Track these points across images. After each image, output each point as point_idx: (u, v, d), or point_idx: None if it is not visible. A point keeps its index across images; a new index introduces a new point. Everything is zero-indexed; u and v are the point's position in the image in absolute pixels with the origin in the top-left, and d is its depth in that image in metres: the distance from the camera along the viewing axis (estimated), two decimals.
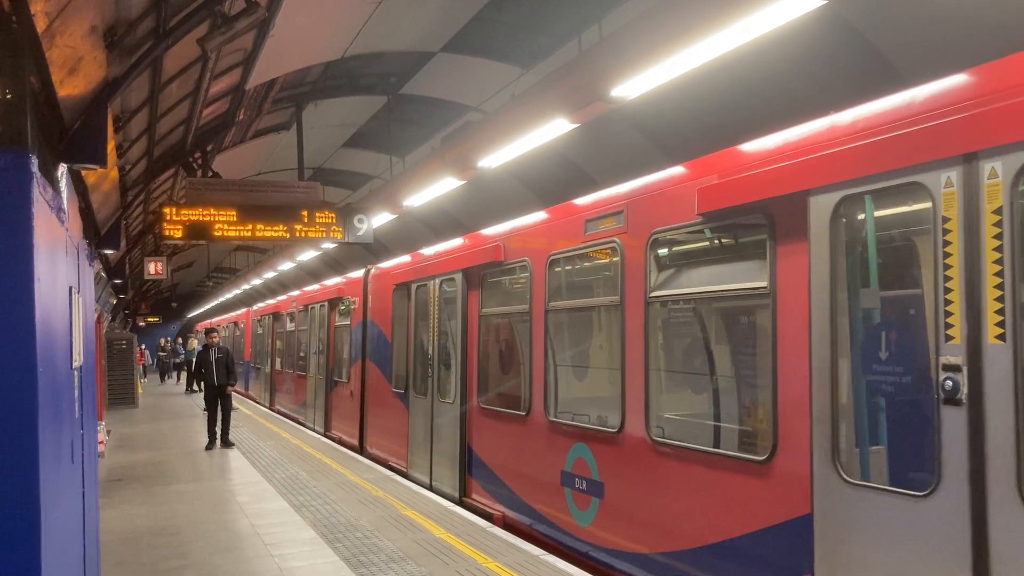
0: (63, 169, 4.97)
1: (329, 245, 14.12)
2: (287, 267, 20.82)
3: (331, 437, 16.10)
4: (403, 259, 12.46)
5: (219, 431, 14.86)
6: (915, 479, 4.17)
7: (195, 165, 11.19)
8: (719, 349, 6.65)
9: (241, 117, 11.83)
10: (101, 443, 13.09)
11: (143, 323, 44.79)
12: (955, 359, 3.82)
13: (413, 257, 11.92)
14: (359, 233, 11.07)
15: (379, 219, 11.75)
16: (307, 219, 10.64)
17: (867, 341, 4.47)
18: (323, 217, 10.74)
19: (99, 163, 5.12)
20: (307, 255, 17.73)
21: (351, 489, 10.30)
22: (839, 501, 4.38)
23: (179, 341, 39.79)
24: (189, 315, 56.06)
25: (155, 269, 17.37)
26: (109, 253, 10.84)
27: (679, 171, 6.06)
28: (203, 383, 15.31)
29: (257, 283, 27.14)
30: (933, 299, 3.95)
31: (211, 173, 11.17)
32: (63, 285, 3.83)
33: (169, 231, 10.11)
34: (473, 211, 12.36)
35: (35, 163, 2.95)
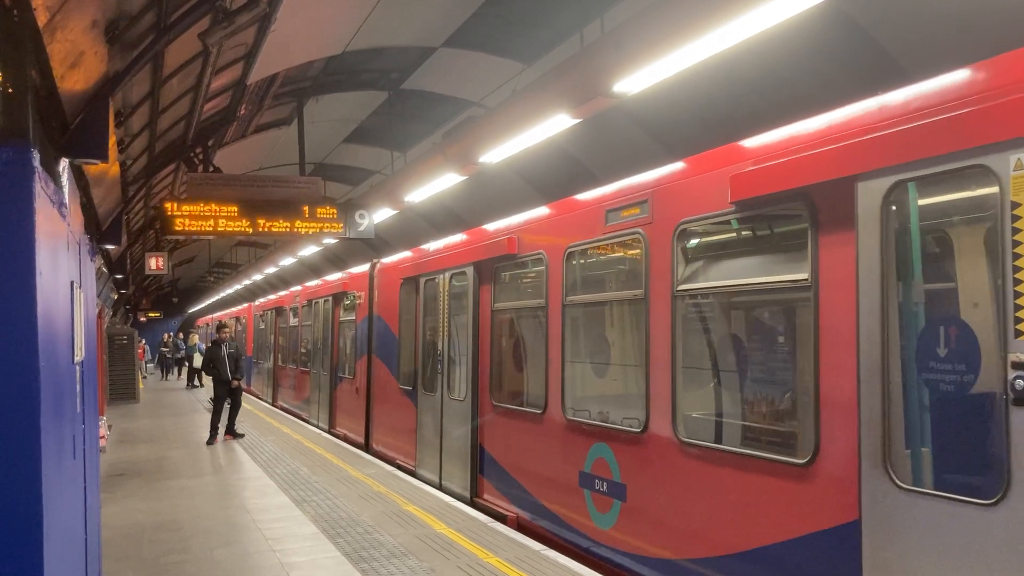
0: (64, 164, 4.96)
1: (330, 240, 14.12)
2: (288, 262, 20.81)
3: (335, 434, 16.00)
4: (416, 251, 12.20)
5: (225, 424, 14.96)
6: (979, 486, 3.92)
7: (196, 160, 11.19)
8: (752, 345, 6.34)
9: (242, 112, 11.81)
10: (102, 438, 13.09)
11: (144, 318, 44.88)
12: None
13: (421, 251, 11.71)
14: (360, 229, 11.07)
15: (380, 215, 11.74)
16: (308, 214, 10.64)
17: (923, 337, 4.16)
18: (324, 212, 10.74)
19: (100, 158, 5.11)
20: (308, 250, 17.72)
21: (352, 484, 10.31)
22: (891, 507, 4.14)
23: (179, 336, 39.84)
24: (190, 310, 56.10)
25: (156, 264, 17.37)
26: (110, 248, 10.83)
27: (709, 158, 5.82)
28: (214, 379, 15.22)
29: (259, 278, 27.11)
30: (1000, 291, 3.69)
31: (212, 168, 11.18)
32: (64, 280, 3.82)
33: (170, 226, 10.12)
34: (475, 207, 12.34)
35: (36, 157, 2.95)
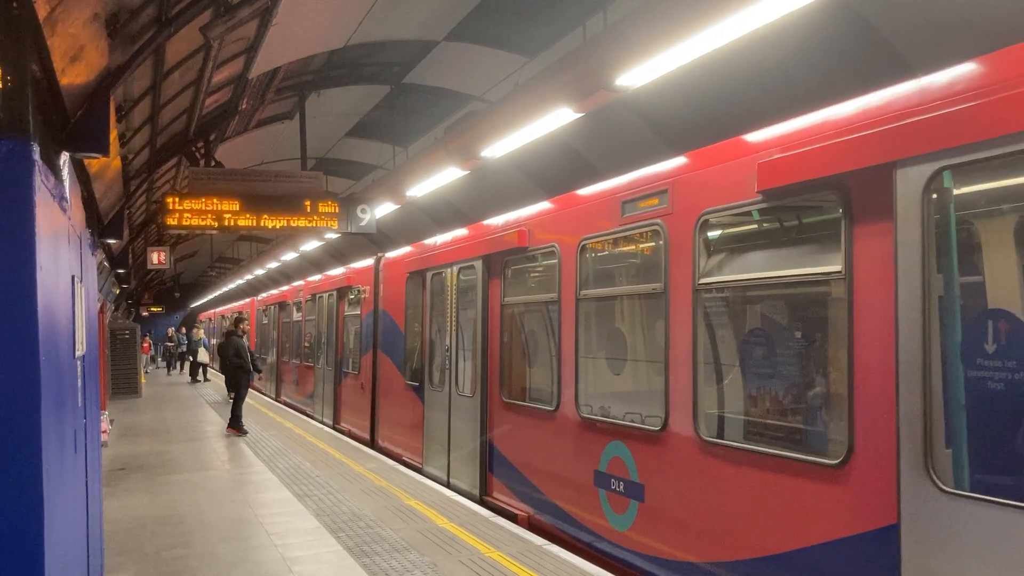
0: (65, 158, 4.95)
1: (332, 235, 14.10)
2: (291, 257, 20.82)
3: (340, 430, 15.94)
4: (417, 246, 12.11)
5: (229, 418, 15.01)
6: None
7: (198, 154, 11.17)
8: (779, 340, 6.02)
9: (244, 106, 11.79)
10: (104, 432, 13.11)
11: (146, 313, 44.95)
12: None
13: (428, 244, 11.61)
14: (362, 223, 11.04)
15: (382, 209, 11.72)
16: (310, 209, 10.62)
17: (970, 332, 3.94)
18: (326, 207, 10.71)
19: (102, 152, 5.11)
20: (310, 245, 17.72)
21: (354, 479, 10.31)
22: (933, 512, 3.92)
23: (182, 331, 39.99)
24: (192, 305, 56.17)
25: (158, 259, 17.35)
26: (112, 242, 10.83)
27: (732, 145, 5.63)
28: (238, 368, 15.36)
29: (261, 273, 27.11)
30: None
31: (214, 162, 11.16)
32: (65, 274, 3.81)
33: (172, 221, 10.11)
34: (477, 201, 12.31)
35: (36, 151, 2.93)
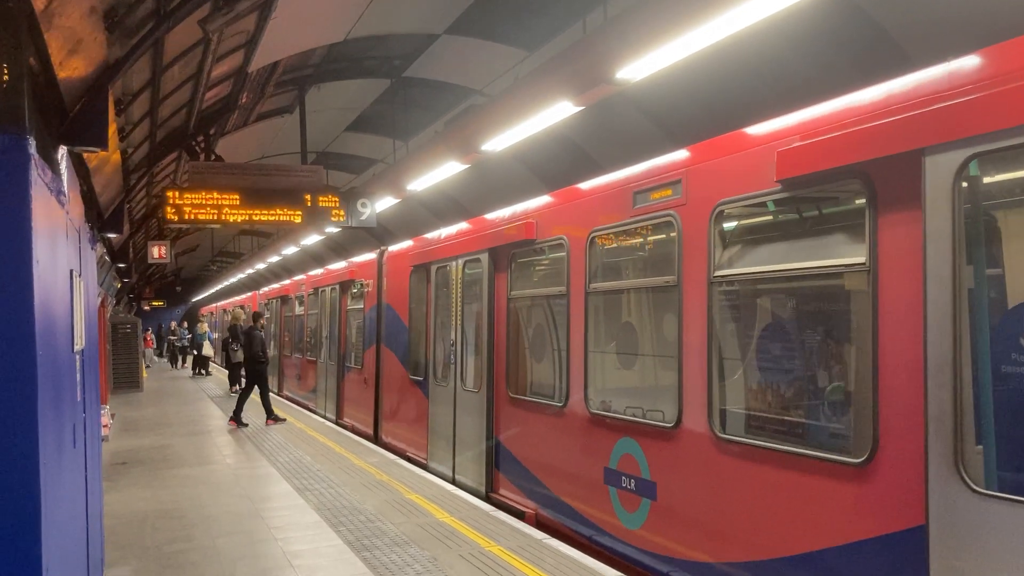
0: (63, 152, 4.93)
1: (333, 229, 14.09)
2: (292, 251, 20.82)
3: (343, 425, 15.93)
4: (421, 239, 12.03)
5: (234, 411, 15.05)
6: None
7: (198, 148, 11.16)
8: (799, 334, 5.81)
9: (244, 100, 11.76)
10: (105, 427, 13.13)
11: (148, 307, 45.00)
12: None
13: (431, 238, 11.54)
14: (362, 217, 11.03)
15: (382, 203, 11.71)
16: (310, 203, 10.60)
17: (1004, 326, 3.80)
18: (326, 201, 10.70)
19: (100, 146, 5.08)
20: (311, 239, 17.72)
21: (355, 473, 10.32)
22: (963, 513, 3.79)
23: (183, 325, 40.08)
24: (193, 299, 56.21)
25: (159, 253, 17.35)
26: (112, 237, 10.80)
27: (748, 134, 5.51)
28: (255, 359, 15.45)
29: (262, 267, 27.12)
30: None
31: (214, 157, 11.15)
32: (63, 268, 3.81)
33: (172, 215, 10.10)
34: (478, 195, 12.29)
35: (33, 144, 2.93)
